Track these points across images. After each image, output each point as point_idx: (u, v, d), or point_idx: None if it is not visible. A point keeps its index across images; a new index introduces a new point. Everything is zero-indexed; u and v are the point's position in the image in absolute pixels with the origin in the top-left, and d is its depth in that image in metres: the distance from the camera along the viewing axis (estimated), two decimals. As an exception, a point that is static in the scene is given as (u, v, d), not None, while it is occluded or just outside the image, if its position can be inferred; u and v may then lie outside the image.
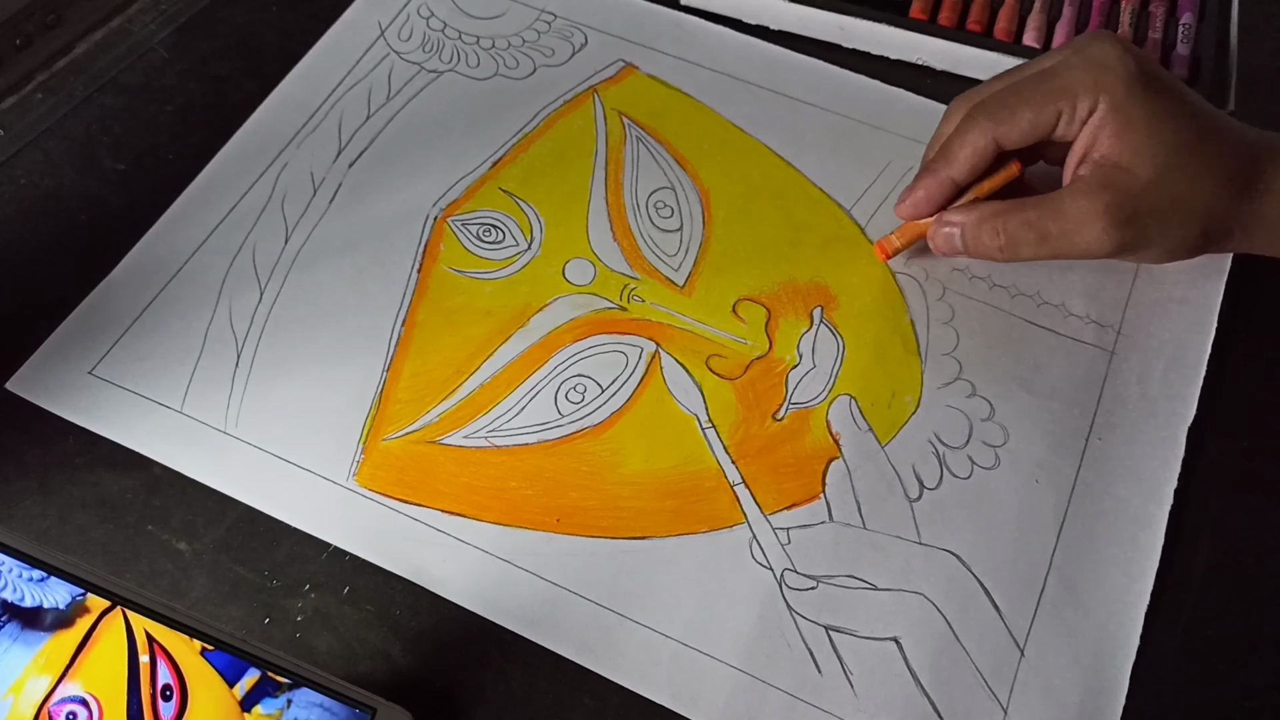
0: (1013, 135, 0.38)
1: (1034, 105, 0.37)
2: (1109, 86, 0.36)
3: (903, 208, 0.41)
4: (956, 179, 0.39)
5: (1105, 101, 0.36)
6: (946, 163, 0.39)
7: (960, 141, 0.38)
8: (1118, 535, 0.38)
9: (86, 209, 0.45)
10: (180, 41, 0.50)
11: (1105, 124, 0.37)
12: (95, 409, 0.39)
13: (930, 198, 0.40)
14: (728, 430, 0.40)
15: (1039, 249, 0.38)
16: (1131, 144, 0.36)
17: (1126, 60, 0.37)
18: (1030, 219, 0.38)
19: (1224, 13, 0.50)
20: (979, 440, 0.40)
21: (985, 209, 0.39)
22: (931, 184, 0.40)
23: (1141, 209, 0.37)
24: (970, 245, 0.40)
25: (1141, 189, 0.37)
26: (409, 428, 0.39)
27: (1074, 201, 0.37)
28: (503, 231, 0.44)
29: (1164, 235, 0.38)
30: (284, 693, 0.29)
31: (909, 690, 0.35)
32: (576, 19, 0.52)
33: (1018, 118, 0.37)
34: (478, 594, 0.36)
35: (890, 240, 0.42)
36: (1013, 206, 0.38)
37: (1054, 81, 0.37)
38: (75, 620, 0.28)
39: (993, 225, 0.38)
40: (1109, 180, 0.37)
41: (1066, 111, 0.37)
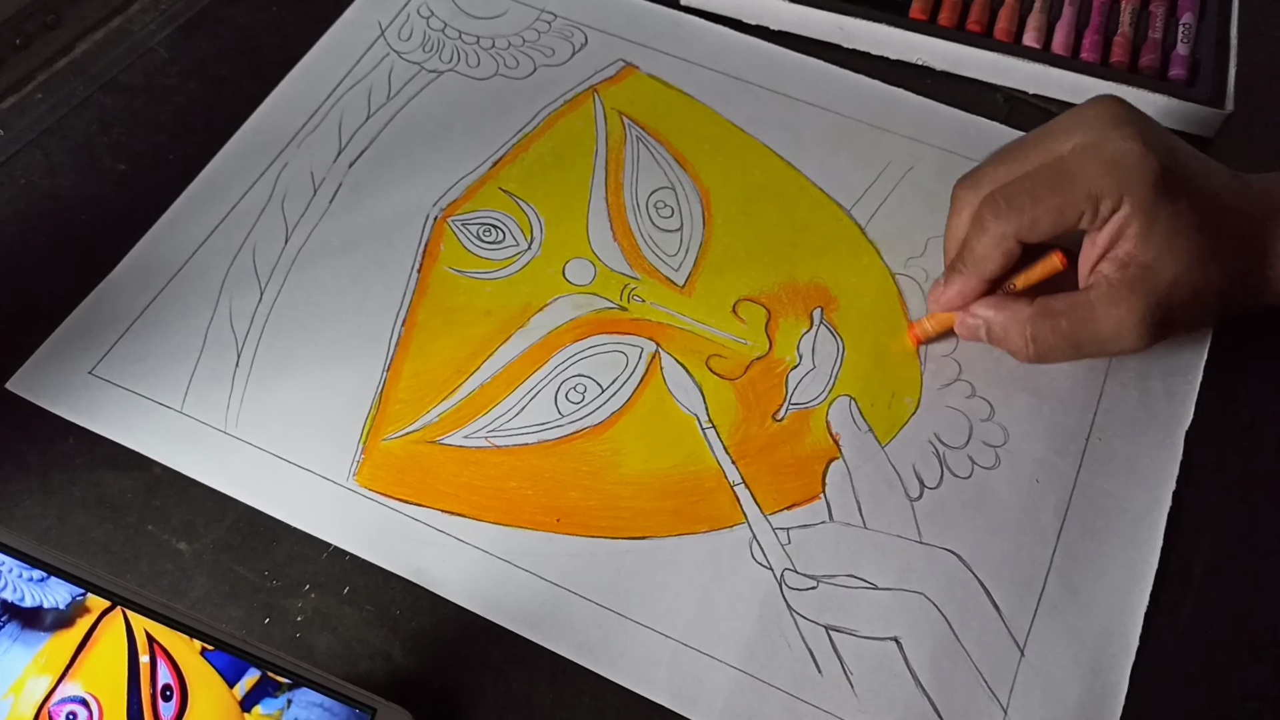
0: (1034, 235, 0.37)
1: (1054, 208, 0.36)
2: (1133, 190, 0.35)
3: (935, 302, 0.40)
4: (990, 278, 0.38)
5: (1129, 204, 0.36)
6: (976, 265, 0.38)
7: (982, 242, 0.37)
8: (1118, 535, 0.38)
9: (86, 209, 0.45)
10: (180, 41, 0.50)
11: (1129, 224, 0.36)
12: (95, 409, 0.39)
13: (964, 296, 0.39)
14: (728, 430, 0.40)
15: (1070, 355, 0.38)
16: (1155, 245, 0.36)
17: (1149, 159, 0.35)
18: (1063, 329, 0.37)
19: (1224, 13, 0.50)
20: (979, 440, 0.40)
21: (1014, 312, 0.38)
22: (964, 284, 0.39)
23: (1171, 309, 0.36)
24: (996, 342, 0.39)
25: (1168, 289, 0.36)
26: (409, 428, 0.39)
27: (1106, 310, 0.36)
28: (503, 231, 0.44)
29: (1188, 326, 0.38)
30: (284, 693, 0.29)
31: (909, 690, 0.35)
32: (577, 19, 0.52)
33: (1039, 220, 0.36)
34: (478, 594, 0.36)
35: (924, 326, 0.41)
36: (1042, 313, 0.37)
37: (1072, 181, 0.36)
38: (75, 620, 0.28)
39: (1022, 331, 0.38)
40: (1138, 284, 0.36)
41: (1088, 213, 0.36)
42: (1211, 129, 0.47)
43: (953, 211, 0.40)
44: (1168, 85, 0.48)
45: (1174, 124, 0.48)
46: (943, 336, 0.42)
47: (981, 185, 0.39)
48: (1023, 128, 0.48)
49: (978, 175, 0.39)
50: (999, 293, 0.39)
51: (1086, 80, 0.48)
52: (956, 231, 0.40)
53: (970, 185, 0.39)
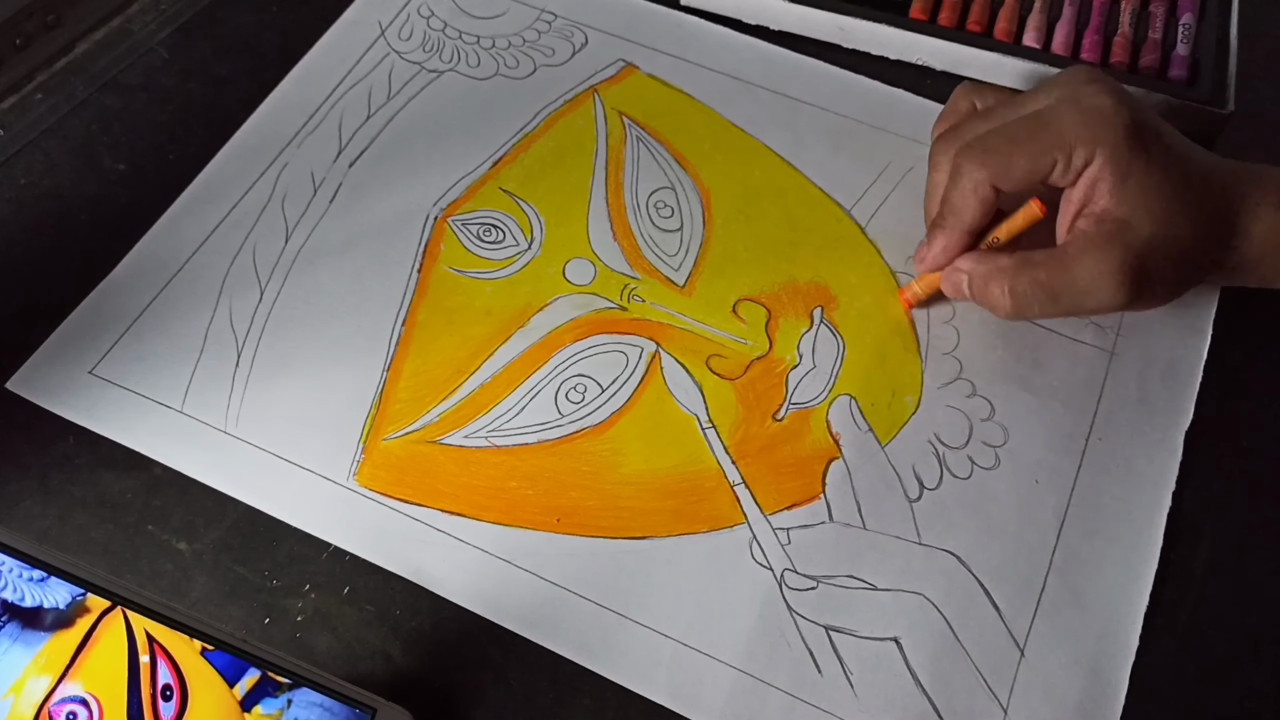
0: (1008, 182, 0.37)
1: (1029, 154, 0.37)
2: (1105, 139, 0.36)
3: (922, 264, 0.41)
4: (970, 229, 0.39)
5: (1102, 154, 0.36)
6: (956, 215, 0.38)
7: (960, 191, 0.38)
8: (1118, 535, 0.38)
9: (86, 209, 0.45)
10: (180, 41, 0.50)
11: (1103, 177, 0.36)
12: (95, 409, 0.39)
13: (948, 251, 0.39)
14: (728, 430, 0.40)
15: (1049, 309, 0.38)
16: (1130, 198, 0.36)
17: (1121, 111, 0.36)
18: (1040, 279, 0.37)
19: (1224, 13, 0.50)
20: (979, 440, 0.40)
21: (995, 263, 0.38)
22: (946, 239, 0.39)
23: (1148, 263, 0.36)
24: (977, 296, 0.39)
25: (1145, 244, 0.36)
26: (409, 427, 0.39)
27: (1084, 261, 0.37)
28: (503, 231, 0.44)
29: (1165, 284, 0.38)
30: (284, 693, 0.29)
31: (909, 690, 0.35)
32: (577, 19, 0.52)
33: (1013, 166, 0.37)
34: (478, 594, 0.36)
35: (914, 290, 0.42)
36: (1021, 264, 0.38)
37: (1048, 129, 0.37)
38: (75, 620, 0.28)
39: (1000, 283, 0.38)
40: (1115, 236, 0.36)
41: (1061, 161, 0.37)
42: (1211, 129, 0.47)
43: (931, 168, 0.41)
44: (1168, 85, 0.48)
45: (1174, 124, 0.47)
46: (933, 300, 0.42)
47: (960, 139, 0.39)
48: (1023, 128, 0.48)
49: (955, 131, 0.40)
50: (981, 247, 0.40)
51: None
52: (936, 189, 0.40)
53: (947, 141, 0.40)
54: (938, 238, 0.39)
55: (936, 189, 0.40)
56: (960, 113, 0.42)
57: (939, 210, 0.39)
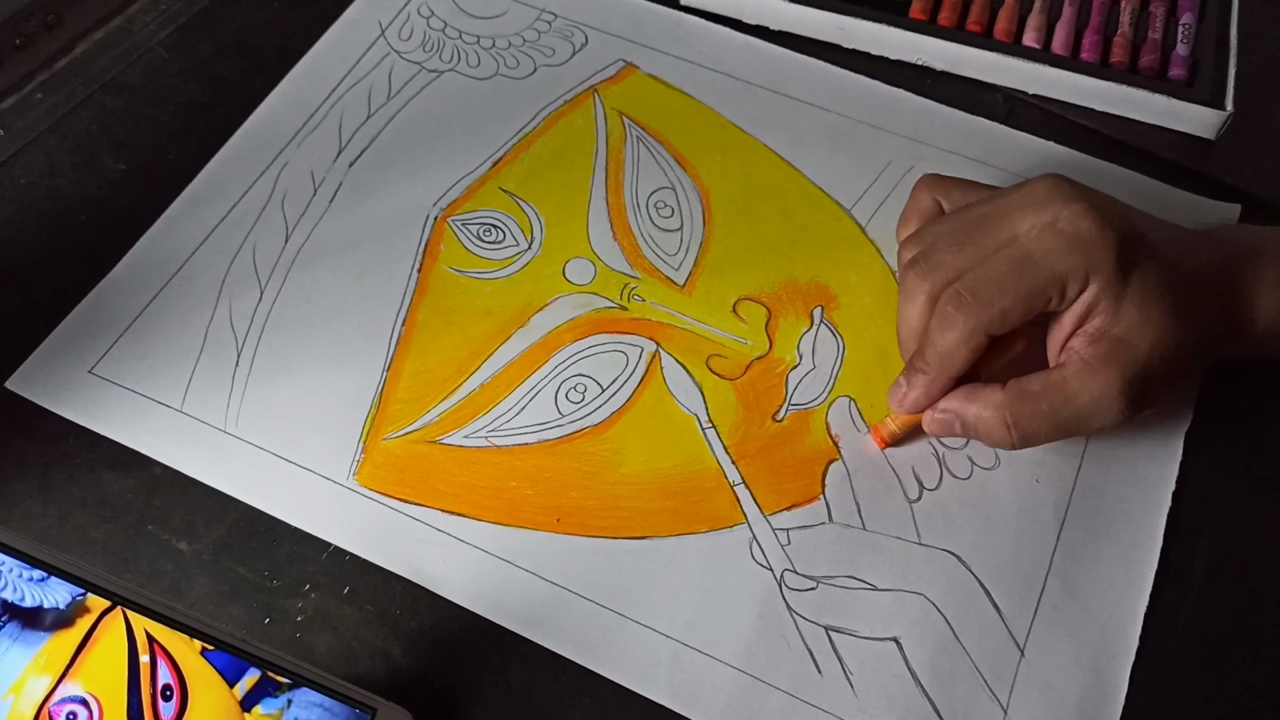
0: (1004, 328, 0.35)
1: (1023, 298, 0.35)
2: (1097, 266, 0.35)
3: (898, 406, 0.38)
4: (956, 376, 0.36)
5: (1096, 282, 0.35)
6: (943, 363, 0.36)
7: (947, 339, 0.35)
8: (1118, 535, 0.38)
9: (86, 209, 0.45)
10: (180, 41, 0.50)
11: (1099, 301, 0.35)
12: (95, 408, 0.39)
13: (930, 397, 0.37)
14: (728, 430, 0.40)
15: (1053, 436, 0.36)
16: (1126, 317, 0.35)
17: (1108, 234, 0.35)
18: (1042, 411, 0.35)
19: (1224, 13, 0.50)
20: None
21: (987, 400, 0.36)
22: (929, 385, 0.37)
23: (1149, 379, 0.35)
24: (971, 433, 0.37)
25: (1145, 359, 0.35)
26: (409, 427, 0.39)
27: (1084, 385, 0.35)
28: (503, 231, 0.44)
29: (1168, 392, 0.37)
30: (284, 693, 0.29)
31: (909, 690, 0.35)
32: (577, 19, 0.52)
33: (1008, 313, 0.35)
34: (478, 594, 0.36)
35: (889, 427, 0.39)
36: (1019, 397, 0.36)
37: (1037, 268, 0.35)
38: (75, 620, 0.28)
39: (1001, 418, 0.36)
40: (1115, 357, 0.35)
41: (1056, 296, 0.35)
42: (1211, 129, 0.47)
43: (904, 297, 0.37)
44: (1168, 85, 0.48)
45: (1174, 124, 0.48)
46: (909, 436, 0.39)
47: (937, 271, 0.36)
48: (1022, 128, 0.48)
49: (930, 261, 0.37)
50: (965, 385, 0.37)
51: (1086, 80, 0.48)
52: (911, 322, 0.37)
53: (923, 272, 0.37)
54: (918, 382, 0.37)
55: (911, 322, 0.37)
56: (924, 213, 0.40)
57: (921, 353, 0.37)
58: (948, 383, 0.37)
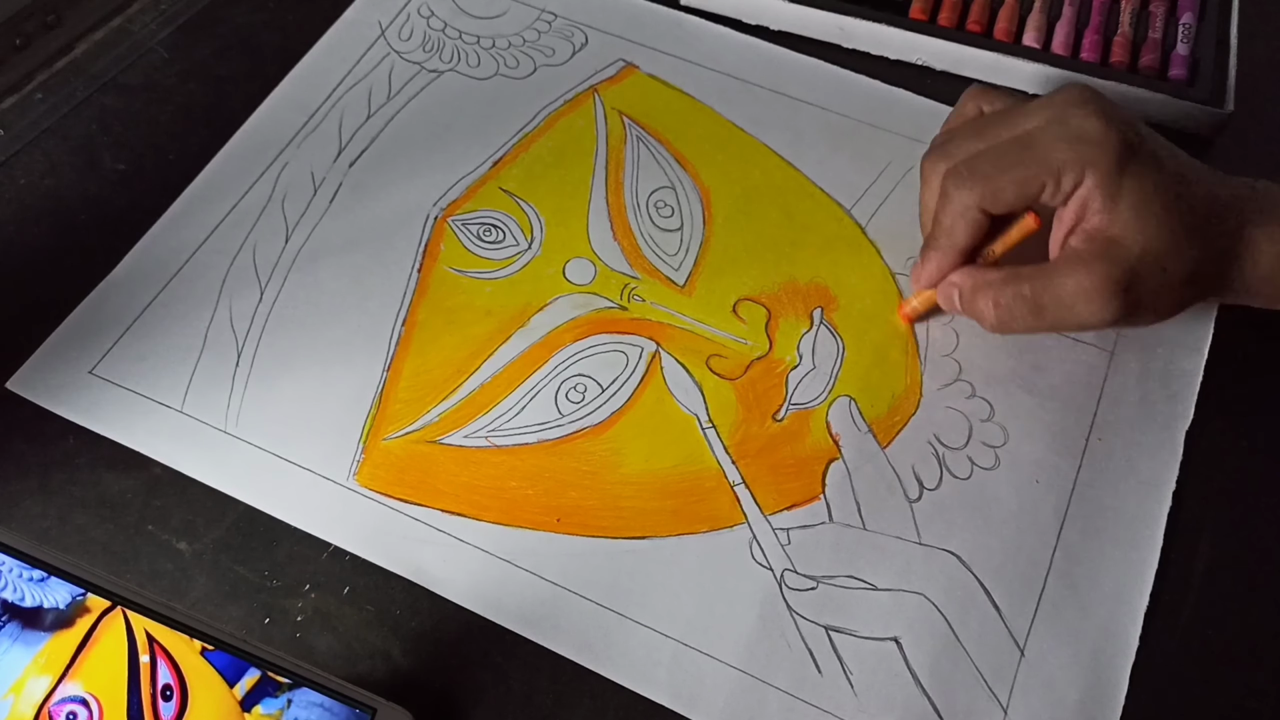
0: (996, 206, 0.37)
1: (1015, 179, 0.36)
2: (1095, 162, 0.36)
3: (916, 280, 0.41)
4: (961, 249, 0.39)
5: (1092, 177, 0.36)
6: (947, 237, 0.38)
7: (950, 213, 0.38)
8: (1118, 535, 0.38)
9: (86, 209, 0.45)
10: (180, 41, 0.50)
11: (1093, 198, 0.36)
12: (95, 409, 0.39)
13: (941, 269, 0.39)
14: (728, 430, 0.40)
15: (1034, 323, 0.37)
16: (1121, 217, 0.36)
17: (1110, 133, 0.36)
18: (1024, 293, 0.37)
19: (1224, 13, 0.50)
20: (979, 441, 0.40)
21: (982, 277, 0.38)
22: (939, 258, 0.39)
23: (1136, 281, 0.36)
24: (966, 309, 0.39)
25: (1135, 261, 0.36)
26: (409, 427, 0.39)
27: (1070, 275, 0.36)
28: (503, 231, 0.45)
29: (1155, 303, 0.37)
30: (284, 693, 0.29)
31: (909, 690, 0.35)
32: (577, 19, 0.52)
33: (1000, 190, 0.37)
34: (478, 594, 0.36)
35: (912, 305, 0.42)
36: (1008, 278, 0.37)
37: (1035, 153, 0.36)
38: (75, 620, 0.28)
39: (986, 296, 0.38)
40: (1103, 253, 0.36)
41: (1050, 185, 0.36)
42: (1211, 129, 0.47)
43: (922, 183, 0.41)
44: (1168, 85, 0.48)
45: (1174, 124, 0.48)
46: (932, 314, 0.42)
47: (948, 157, 0.39)
48: (1023, 128, 0.48)
49: (944, 148, 0.40)
50: (978, 261, 0.39)
51: (1086, 80, 0.48)
52: (927, 206, 0.40)
53: (937, 158, 0.40)
54: (931, 257, 0.39)
55: (928, 207, 0.40)
56: (966, 117, 0.42)
57: (931, 230, 0.39)
58: (955, 256, 0.39)
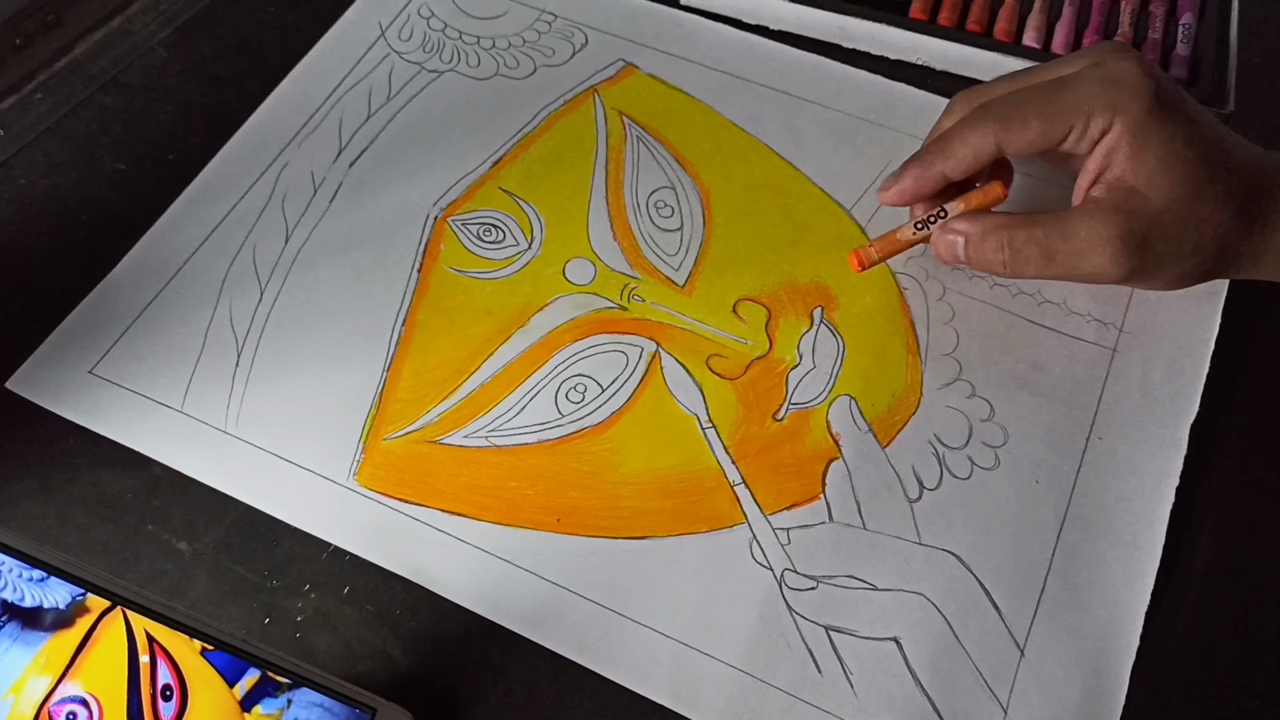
0: (1019, 142, 0.36)
1: (1045, 115, 0.36)
2: (1126, 108, 0.35)
3: (886, 194, 0.39)
4: (948, 175, 0.38)
5: (1121, 123, 0.35)
6: (942, 156, 0.37)
7: (960, 138, 0.37)
8: (1118, 535, 0.38)
9: (86, 209, 0.45)
10: (180, 41, 0.50)
11: (1120, 146, 0.35)
12: (95, 408, 0.39)
13: (917, 188, 0.38)
14: (728, 430, 0.40)
15: (1044, 268, 0.37)
16: (1146, 168, 0.35)
17: (1146, 81, 0.35)
18: (1038, 236, 0.36)
19: (1224, 13, 0.50)
20: (979, 441, 0.40)
21: (992, 221, 0.37)
22: (920, 173, 0.38)
23: (1153, 236, 0.35)
24: (973, 256, 0.38)
25: (1155, 216, 0.35)
26: (409, 427, 0.39)
27: (1085, 223, 0.36)
28: (503, 231, 0.44)
29: (1174, 263, 0.37)
30: (284, 693, 0.29)
31: (909, 690, 0.35)
32: (577, 19, 0.52)
33: (1027, 126, 0.36)
34: (478, 594, 0.36)
35: (869, 252, 0.40)
36: (1021, 221, 0.37)
37: (1069, 94, 0.36)
38: (75, 620, 0.28)
39: (998, 238, 0.37)
40: (1122, 204, 0.35)
41: (1079, 127, 0.36)
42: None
43: (944, 114, 0.40)
44: (1168, 85, 0.48)
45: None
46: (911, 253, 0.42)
47: (982, 94, 0.39)
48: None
49: (978, 88, 0.39)
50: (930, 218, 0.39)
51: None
52: (940, 127, 0.40)
53: (969, 95, 0.39)
54: (911, 168, 0.38)
55: (940, 126, 0.39)
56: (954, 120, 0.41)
57: (926, 146, 0.38)
58: (939, 179, 0.38)
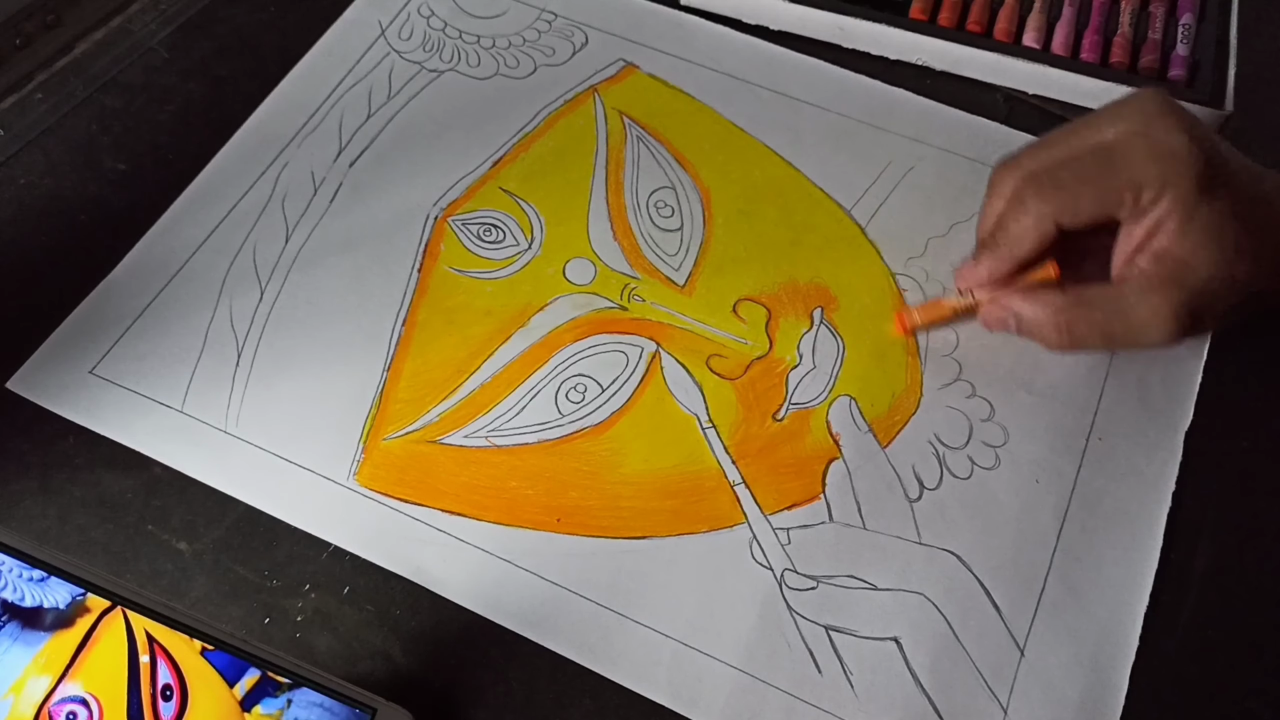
0: (1074, 220, 0.36)
1: (1097, 192, 0.36)
2: (1176, 182, 0.35)
3: (963, 279, 0.40)
4: (1021, 260, 0.38)
5: (1171, 196, 0.35)
6: (1011, 245, 0.38)
7: (1021, 224, 0.37)
8: (1118, 535, 0.38)
9: (86, 209, 0.45)
10: (180, 41, 0.50)
11: (1169, 219, 0.35)
12: (95, 408, 0.39)
13: (993, 276, 0.39)
14: (728, 430, 0.40)
15: (1101, 346, 0.38)
16: (1194, 240, 0.35)
17: (1194, 152, 0.35)
18: (1096, 320, 0.37)
19: (1224, 13, 0.50)
20: (979, 440, 0.40)
21: (1046, 302, 0.37)
22: (995, 264, 0.38)
23: (1202, 304, 0.36)
24: (1026, 332, 0.39)
25: (1202, 285, 0.36)
26: (409, 427, 0.39)
27: (1141, 302, 0.36)
28: (503, 231, 0.45)
29: (1217, 323, 0.37)
30: (284, 693, 0.29)
31: (909, 690, 0.35)
32: (577, 18, 0.52)
33: (1080, 204, 0.36)
34: (478, 594, 0.36)
35: (913, 316, 0.41)
36: (1076, 303, 0.37)
37: (1117, 167, 0.36)
38: (75, 620, 0.28)
39: (1055, 320, 0.37)
40: (1174, 278, 0.36)
41: (1130, 200, 0.36)
42: (1211, 129, 0.47)
43: (990, 193, 0.39)
44: (1167, 85, 0.48)
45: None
46: (932, 327, 0.42)
47: (1021, 167, 0.38)
48: (1022, 128, 0.48)
49: (1019, 158, 0.39)
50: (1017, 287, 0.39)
51: (1086, 81, 0.48)
52: (991, 213, 0.39)
53: (1011, 168, 0.39)
54: (986, 260, 0.38)
55: (992, 212, 0.39)
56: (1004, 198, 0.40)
57: (993, 234, 0.38)
58: (1012, 265, 0.38)
